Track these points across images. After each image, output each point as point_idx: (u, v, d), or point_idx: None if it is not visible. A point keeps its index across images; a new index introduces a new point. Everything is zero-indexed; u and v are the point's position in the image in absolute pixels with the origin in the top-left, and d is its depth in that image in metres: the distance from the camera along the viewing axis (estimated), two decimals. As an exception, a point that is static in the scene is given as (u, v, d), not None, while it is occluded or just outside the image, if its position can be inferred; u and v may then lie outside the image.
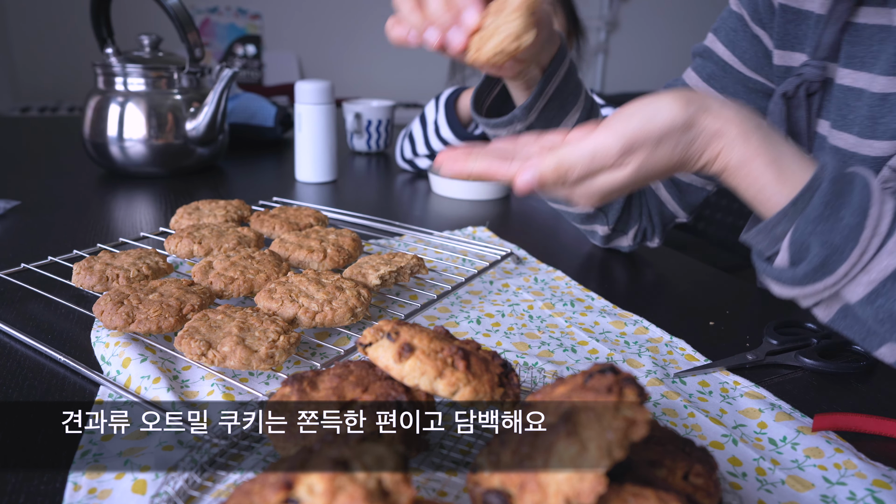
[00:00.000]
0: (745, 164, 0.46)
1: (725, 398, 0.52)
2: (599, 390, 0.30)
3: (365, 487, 0.26)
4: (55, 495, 0.39)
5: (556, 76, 0.67)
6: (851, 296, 0.45)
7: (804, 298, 0.47)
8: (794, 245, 0.45)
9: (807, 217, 0.44)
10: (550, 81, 0.66)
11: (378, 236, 0.88)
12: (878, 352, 0.47)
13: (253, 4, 3.65)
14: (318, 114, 1.14)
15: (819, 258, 0.44)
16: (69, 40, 3.20)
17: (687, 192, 0.81)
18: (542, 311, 0.67)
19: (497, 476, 0.31)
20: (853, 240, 0.43)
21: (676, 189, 0.80)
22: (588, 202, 0.49)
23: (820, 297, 0.46)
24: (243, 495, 0.28)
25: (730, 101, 0.48)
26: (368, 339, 0.41)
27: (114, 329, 0.54)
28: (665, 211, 0.83)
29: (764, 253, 0.48)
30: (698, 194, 0.81)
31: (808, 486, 0.42)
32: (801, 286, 0.46)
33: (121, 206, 1.00)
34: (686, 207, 0.82)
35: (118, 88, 1.15)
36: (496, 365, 0.42)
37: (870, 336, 0.46)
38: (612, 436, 0.28)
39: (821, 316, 0.48)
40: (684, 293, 0.76)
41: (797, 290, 0.46)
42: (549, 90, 0.67)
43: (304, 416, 0.38)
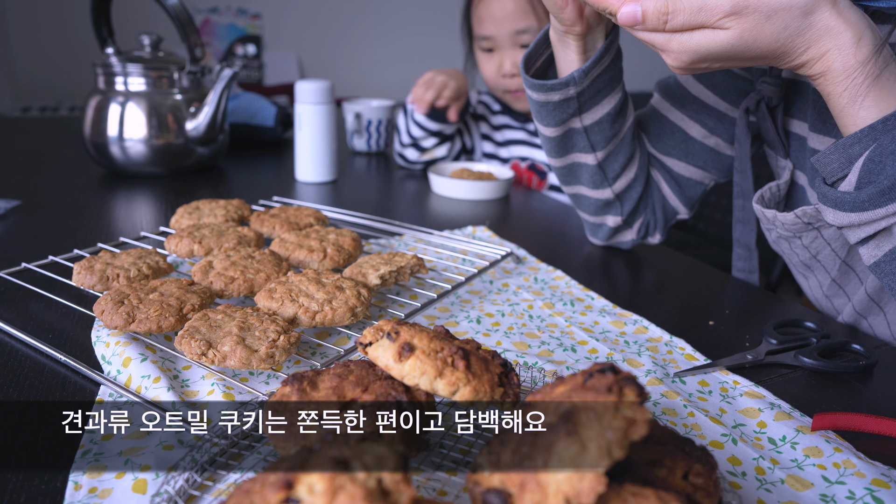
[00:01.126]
0: (848, 75, 0.45)
1: (725, 398, 0.53)
2: (599, 390, 0.30)
3: (365, 487, 0.26)
4: (56, 494, 0.39)
5: (612, 47, 0.70)
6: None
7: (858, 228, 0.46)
8: (868, 164, 0.43)
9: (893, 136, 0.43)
10: (609, 50, 0.69)
11: (378, 236, 0.88)
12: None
13: (253, 4, 3.65)
14: (318, 114, 1.14)
15: (889, 181, 0.43)
16: (69, 40, 3.20)
17: (686, 186, 0.83)
18: (542, 311, 0.67)
19: (497, 476, 0.31)
20: None
21: (676, 184, 0.83)
22: (678, 60, 0.48)
23: (876, 228, 0.45)
24: (243, 495, 0.28)
25: (857, 5, 0.46)
26: (368, 338, 0.41)
27: (114, 328, 0.54)
28: (667, 206, 0.85)
29: (834, 174, 0.47)
30: (696, 189, 0.83)
31: (808, 486, 0.42)
32: (860, 211, 0.44)
33: (121, 206, 1.00)
34: (686, 202, 0.84)
35: (118, 88, 1.15)
36: (496, 365, 0.42)
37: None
38: (612, 435, 0.28)
39: (867, 256, 0.47)
40: (684, 293, 0.76)
41: (855, 215, 0.44)
42: (605, 59, 0.69)
43: (304, 416, 0.38)
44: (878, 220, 0.44)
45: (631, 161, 0.80)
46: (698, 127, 0.79)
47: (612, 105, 0.73)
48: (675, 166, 0.82)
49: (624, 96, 0.75)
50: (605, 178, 0.80)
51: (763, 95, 0.69)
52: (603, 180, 0.80)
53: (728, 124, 0.78)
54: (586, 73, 0.69)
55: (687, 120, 0.80)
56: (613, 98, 0.73)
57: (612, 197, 0.81)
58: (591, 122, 0.75)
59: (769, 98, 0.68)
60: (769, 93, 0.68)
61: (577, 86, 0.70)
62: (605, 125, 0.75)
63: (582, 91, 0.71)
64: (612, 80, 0.72)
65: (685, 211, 0.86)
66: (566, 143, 0.78)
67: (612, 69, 0.71)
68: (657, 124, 0.82)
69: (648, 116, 0.83)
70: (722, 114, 0.78)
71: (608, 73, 0.71)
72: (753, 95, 0.70)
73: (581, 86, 0.71)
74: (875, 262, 0.47)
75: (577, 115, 0.74)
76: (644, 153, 0.82)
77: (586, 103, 0.73)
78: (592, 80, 0.71)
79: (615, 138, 0.77)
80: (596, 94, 0.72)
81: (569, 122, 0.75)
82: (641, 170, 0.81)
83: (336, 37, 3.82)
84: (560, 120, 0.75)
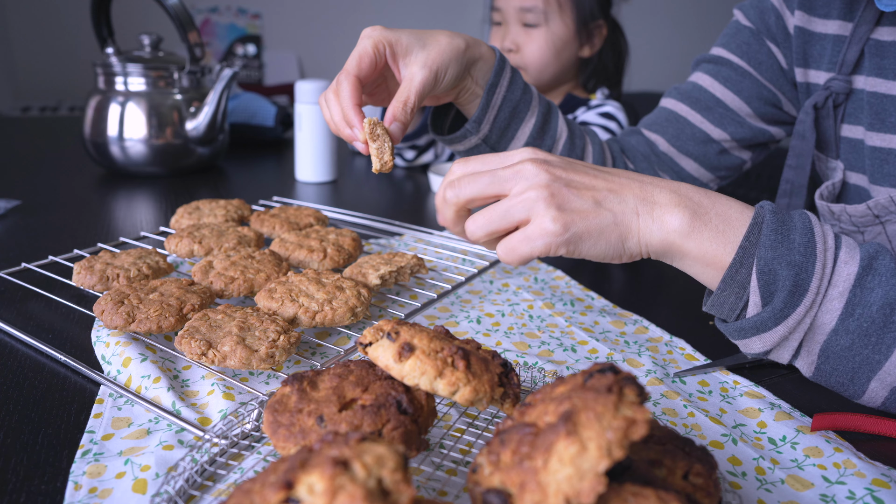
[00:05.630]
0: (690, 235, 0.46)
1: (725, 398, 0.52)
2: (599, 390, 0.30)
3: (365, 487, 0.26)
4: (56, 494, 0.39)
5: (498, 88, 0.68)
6: (829, 318, 0.45)
7: (787, 342, 0.46)
8: (763, 277, 0.44)
9: (764, 245, 0.44)
10: (494, 93, 0.67)
11: (378, 236, 0.88)
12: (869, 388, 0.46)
13: (253, 4, 3.65)
14: (318, 113, 1.14)
15: (790, 280, 0.44)
16: (69, 40, 3.20)
17: None
18: (542, 311, 0.67)
19: (497, 476, 0.31)
20: (811, 255, 0.44)
21: None
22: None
23: (802, 331, 0.45)
24: (243, 495, 0.28)
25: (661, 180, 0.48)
26: (368, 338, 0.41)
27: (114, 328, 0.54)
28: None
29: (734, 309, 0.47)
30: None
31: (808, 486, 0.42)
32: (784, 319, 0.45)
33: (121, 206, 1.00)
34: None
35: (118, 88, 1.15)
36: (496, 365, 0.42)
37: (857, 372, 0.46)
38: (612, 435, 0.28)
39: (806, 367, 0.48)
40: (684, 293, 0.76)
41: (782, 327, 0.45)
42: (495, 101, 0.68)
43: (304, 415, 0.38)
44: (802, 319, 0.45)
45: None
46: (719, 131, 0.79)
47: (529, 133, 0.71)
48: (687, 166, 0.82)
49: (541, 117, 0.72)
50: None
51: (832, 92, 0.68)
52: None
53: (747, 129, 0.78)
54: (479, 122, 0.68)
55: (707, 123, 0.79)
56: (527, 125, 0.71)
57: None
58: None
59: (836, 95, 0.68)
60: (839, 89, 0.67)
61: (475, 134, 0.69)
62: None
63: (486, 136, 0.69)
64: (515, 112, 0.70)
65: None
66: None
67: (509, 104, 0.69)
68: (676, 126, 0.81)
69: (666, 119, 0.82)
70: (742, 118, 0.77)
71: (506, 109, 0.69)
72: (822, 92, 0.69)
73: (480, 133, 0.69)
74: (815, 369, 0.48)
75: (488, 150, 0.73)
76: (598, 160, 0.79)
77: (497, 143, 0.71)
78: (491, 123, 0.69)
79: None
80: (503, 132, 0.70)
81: None
82: None
83: (336, 37, 3.82)
84: None
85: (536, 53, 1.21)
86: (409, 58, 0.62)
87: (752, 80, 0.76)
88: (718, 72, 0.78)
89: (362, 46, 0.61)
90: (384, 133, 0.59)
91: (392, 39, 0.61)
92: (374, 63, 0.61)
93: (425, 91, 0.61)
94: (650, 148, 0.83)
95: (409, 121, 0.60)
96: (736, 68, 0.77)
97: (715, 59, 0.79)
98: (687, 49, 4.18)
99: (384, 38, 0.61)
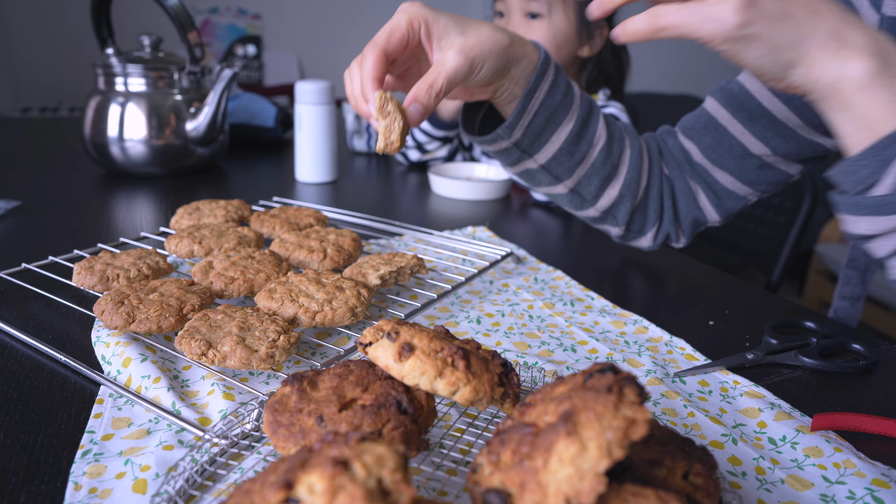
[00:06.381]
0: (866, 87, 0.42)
1: (725, 398, 0.52)
2: (599, 390, 0.30)
3: (365, 487, 0.26)
4: (56, 495, 0.39)
5: (537, 93, 0.64)
6: None
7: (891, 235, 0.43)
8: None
9: None
10: (532, 99, 0.64)
11: (378, 236, 0.88)
12: None
13: (253, 4, 3.65)
14: (318, 114, 1.14)
15: None
16: (69, 40, 3.20)
17: (727, 199, 0.77)
18: (542, 311, 0.67)
19: (497, 476, 0.31)
20: None
21: (715, 196, 0.77)
22: None
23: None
24: (243, 495, 0.28)
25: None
26: (368, 338, 0.41)
27: (114, 329, 0.54)
28: (699, 215, 0.79)
29: (861, 184, 0.44)
30: (738, 203, 0.77)
31: (808, 486, 0.42)
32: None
33: (121, 206, 1.00)
34: (722, 213, 0.78)
35: (118, 89, 1.15)
36: (496, 364, 0.42)
37: None
38: (612, 435, 0.28)
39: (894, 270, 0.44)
40: (684, 293, 0.76)
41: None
42: (531, 107, 0.64)
43: (304, 415, 0.38)
44: None
45: (610, 180, 0.73)
46: (760, 144, 0.71)
47: (564, 138, 0.67)
48: (722, 179, 0.75)
49: (579, 122, 0.68)
50: (584, 199, 0.74)
51: None
52: (582, 203, 0.75)
53: (794, 143, 0.69)
54: (512, 128, 0.65)
55: (748, 135, 0.71)
56: (563, 130, 0.67)
57: (599, 214, 0.76)
58: (545, 159, 0.69)
59: None
60: None
61: (507, 139, 0.66)
62: (563, 158, 0.69)
63: (518, 140, 0.66)
64: (552, 117, 0.66)
65: (718, 221, 0.78)
66: (530, 178, 0.73)
67: (547, 109, 0.65)
68: (713, 135, 0.74)
69: (704, 126, 0.75)
70: (790, 130, 0.69)
71: (543, 114, 0.65)
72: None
73: (511, 139, 0.65)
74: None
75: (528, 157, 0.69)
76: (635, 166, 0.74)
77: (530, 147, 0.68)
78: (524, 128, 0.65)
79: (581, 165, 0.71)
80: (536, 137, 0.67)
81: (522, 163, 0.70)
82: (628, 186, 0.74)
83: (336, 37, 3.82)
84: (511, 162, 0.70)
85: None
86: (444, 41, 0.57)
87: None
88: None
89: (396, 20, 0.57)
90: (396, 111, 0.55)
91: (430, 18, 0.57)
92: (405, 40, 0.57)
93: (457, 78, 0.56)
94: (684, 155, 0.78)
95: (432, 107, 0.56)
96: None
97: None
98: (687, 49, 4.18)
99: (421, 14, 0.57)
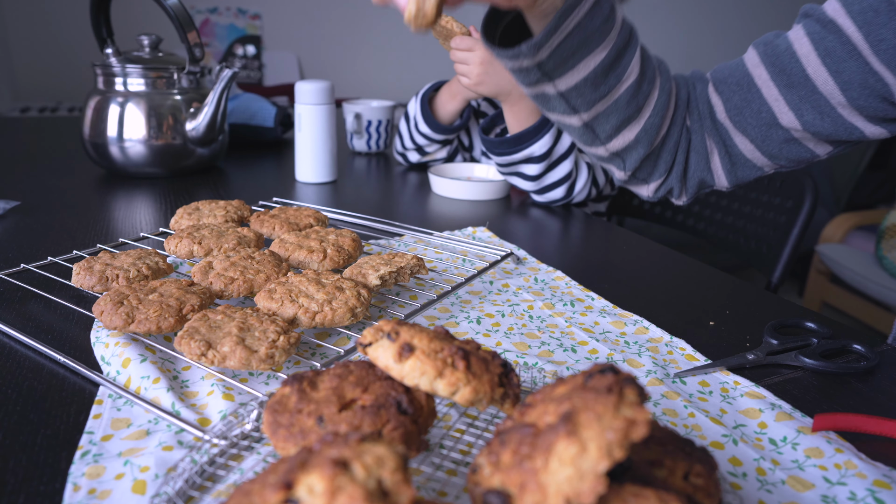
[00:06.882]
0: None
1: (725, 398, 0.52)
2: (599, 390, 0.30)
3: (365, 487, 0.26)
4: (55, 495, 0.39)
5: (574, 13, 0.58)
6: None
7: None
8: None
9: None
10: (567, 19, 0.58)
11: (378, 236, 0.88)
12: None
13: (253, 4, 3.65)
14: (318, 114, 1.13)
15: None
16: (69, 40, 3.20)
17: (743, 167, 0.72)
18: (542, 311, 0.67)
19: (497, 476, 0.31)
20: None
21: (730, 161, 0.72)
22: None
23: None
24: (243, 495, 0.28)
25: None
26: (368, 339, 0.41)
27: (113, 329, 0.54)
28: (707, 177, 0.74)
29: None
30: (752, 172, 0.72)
31: (809, 487, 0.42)
32: None
33: (121, 207, 1.00)
34: (732, 180, 0.74)
35: (118, 89, 1.15)
36: (496, 365, 0.42)
37: None
38: (613, 436, 0.28)
39: None
40: (684, 293, 0.76)
41: None
42: (566, 26, 0.58)
43: (304, 416, 0.38)
44: None
45: (629, 122, 0.68)
46: (791, 116, 0.65)
47: (593, 68, 0.62)
48: (742, 144, 0.70)
49: (613, 52, 0.62)
50: (597, 137, 0.70)
51: None
52: (594, 140, 0.70)
53: (829, 122, 0.64)
54: (538, 47, 0.59)
55: (782, 103, 0.65)
56: (594, 59, 0.62)
57: (608, 155, 0.72)
58: (566, 87, 0.64)
59: None
60: None
61: (529, 58, 0.60)
62: (586, 90, 0.64)
63: (541, 62, 0.61)
64: (586, 42, 0.60)
65: (726, 187, 0.74)
66: (544, 102, 0.68)
67: (580, 33, 0.60)
68: (744, 95, 0.67)
69: (737, 82, 0.68)
70: (830, 107, 0.63)
71: (575, 38, 0.60)
72: None
73: (535, 59, 0.60)
74: None
75: (547, 81, 0.64)
76: (659, 111, 0.68)
77: (553, 71, 0.63)
78: (552, 49, 0.60)
79: (603, 100, 0.66)
80: (563, 61, 0.62)
81: (539, 86, 0.65)
82: (647, 132, 0.69)
83: (336, 37, 3.82)
84: (528, 83, 0.65)
85: None
86: None
87: (861, 63, 0.60)
88: (823, 39, 0.61)
89: None
90: None
91: None
92: None
93: None
94: (708, 110, 0.72)
95: None
96: (845, 42, 0.60)
97: (825, 20, 0.62)
98: (688, 48, 4.18)
99: None
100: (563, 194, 1.07)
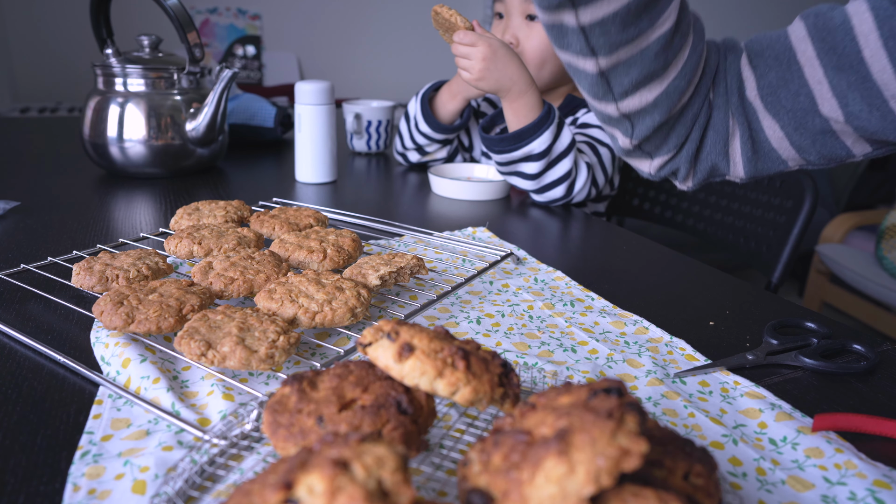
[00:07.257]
0: None
1: (725, 398, 0.52)
2: (600, 412, 0.30)
3: (365, 487, 0.26)
4: (55, 496, 0.39)
5: None
6: None
7: None
8: None
9: None
10: None
11: (378, 237, 0.88)
12: None
13: (253, 5, 3.66)
14: (318, 114, 1.14)
15: None
16: (69, 41, 3.20)
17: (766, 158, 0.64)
18: (542, 312, 0.67)
19: (484, 476, 0.31)
20: None
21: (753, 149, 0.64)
22: None
23: None
24: (243, 495, 0.28)
25: None
26: (368, 339, 0.41)
27: (113, 329, 0.54)
28: (721, 163, 0.67)
29: None
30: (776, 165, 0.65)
31: (809, 487, 0.42)
32: None
33: (121, 207, 1.00)
34: (750, 171, 0.66)
35: (118, 89, 1.15)
36: (496, 365, 0.42)
37: None
38: (603, 463, 0.27)
39: None
40: (684, 293, 0.76)
41: None
42: None
43: (304, 416, 0.38)
44: None
45: (651, 80, 0.59)
46: (835, 104, 0.56)
47: (627, 2, 0.54)
48: (770, 130, 0.62)
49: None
50: (610, 90, 0.61)
51: None
52: (606, 93, 0.62)
53: (877, 117, 0.55)
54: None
55: (825, 87, 0.56)
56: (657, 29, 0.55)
57: (617, 116, 0.64)
58: (589, 20, 0.56)
59: None
60: None
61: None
62: (612, 28, 0.56)
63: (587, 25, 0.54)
64: None
65: (742, 178, 0.67)
66: (559, 36, 0.59)
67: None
68: (782, 73, 0.59)
69: (776, 57, 0.60)
70: (881, 100, 0.54)
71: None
72: None
73: None
74: None
75: (569, 7, 0.56)
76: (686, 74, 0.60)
77: None
78: None
79: (629, 46, 0.57)
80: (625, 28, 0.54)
81: (559, 12, 0.57)
82: (668, 95, 0.61)
83: (336, 37, 3.82)
84: (547, 5, 0.57)
85: (537, 49, 1.21)
86: None
87: None
88: (890, 18, 0.51)
89: None
90: None
91: None
92: None
93: None
94: (738, 85, 0.63)
95: None
96: None
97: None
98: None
99: None
100: (563, 193, 1.07)
